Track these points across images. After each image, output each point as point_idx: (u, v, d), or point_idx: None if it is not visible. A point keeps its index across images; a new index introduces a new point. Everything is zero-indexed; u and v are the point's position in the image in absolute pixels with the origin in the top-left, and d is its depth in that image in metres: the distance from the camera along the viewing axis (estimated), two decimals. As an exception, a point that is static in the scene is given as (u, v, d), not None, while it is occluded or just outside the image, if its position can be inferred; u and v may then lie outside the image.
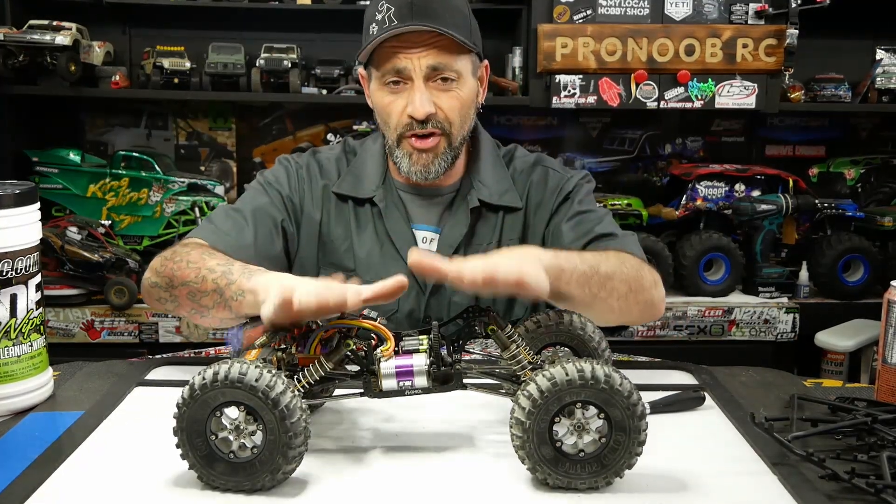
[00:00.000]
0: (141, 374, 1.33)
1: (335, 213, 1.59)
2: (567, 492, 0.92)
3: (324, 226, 1.58)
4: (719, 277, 2.76)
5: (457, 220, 1.56)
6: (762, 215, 2.77)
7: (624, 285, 1.30)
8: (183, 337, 2.59)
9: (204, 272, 1.30)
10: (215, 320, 1.30)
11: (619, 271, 1.31)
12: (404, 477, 0.97)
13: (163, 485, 0.94)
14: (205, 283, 1.28)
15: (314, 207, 1.58)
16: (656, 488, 0.94)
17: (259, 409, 0.90)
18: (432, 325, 1.03)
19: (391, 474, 0.98)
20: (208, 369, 0.90)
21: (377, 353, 1.00)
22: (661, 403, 1.19)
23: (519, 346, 1.02)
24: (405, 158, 1.49)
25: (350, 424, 1.14)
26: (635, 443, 0.91)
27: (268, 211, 1.53)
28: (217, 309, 1.26)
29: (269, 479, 0.91)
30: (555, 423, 0.92)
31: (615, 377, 0.90)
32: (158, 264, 1.39)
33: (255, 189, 1.60)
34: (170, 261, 1.37)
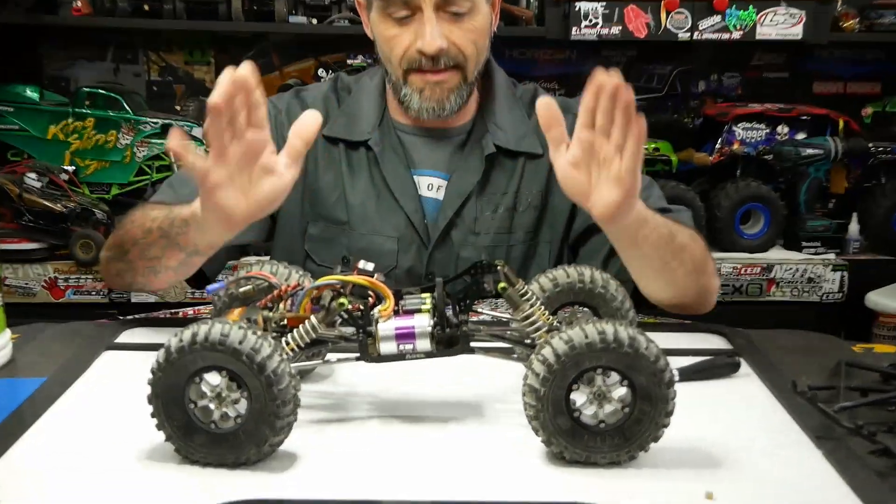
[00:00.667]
0: (110, 337, 1.33)
1: (324, 159, 1.58)
2: (585, 467, 0.93)
3: (310, 174, 1.58)
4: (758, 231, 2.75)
5: (469, 165, 1.55)
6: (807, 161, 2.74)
7: (691, 262, 1.31)
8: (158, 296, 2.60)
9: (148, 224, 1.30)
10: (169, 272, 1.31)
11: (691, 246, 1.32)
12: (404, 450, 0.98)
13: (135, 459, 0.94)
14: (150, 235, 1.29)
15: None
16: (685, 464, 0.94)
17: (243, 375, 0.90)
18: (436, 282, 1.02)
19: (389, 447, 0.98)
20: (186, 330, 0.90)
21: (375, 314, 1.00)
22: (691, 370, 1.19)
23: (533, 306, 1.02)
24: (415, 95, 1.48)
25: (344, 392, 1.14)
26: (662, 413, 0.91)
27: None
28: (167, 254, 1.26)
29: (254, 451, 0.91)
30: (572, 390, 0.92)
31: (640, 340, 0.90)
32: (110, 239, 1.41)
33: None
34: (119, 230, 1.39)
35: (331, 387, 1.17)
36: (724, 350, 1.31)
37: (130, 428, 1.00)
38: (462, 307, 1.02)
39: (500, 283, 1.01)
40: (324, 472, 0.93)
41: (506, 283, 1.01)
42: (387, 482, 0.90)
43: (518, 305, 1.01)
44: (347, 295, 0.99)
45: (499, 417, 1.06)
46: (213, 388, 0.92)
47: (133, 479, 0.91)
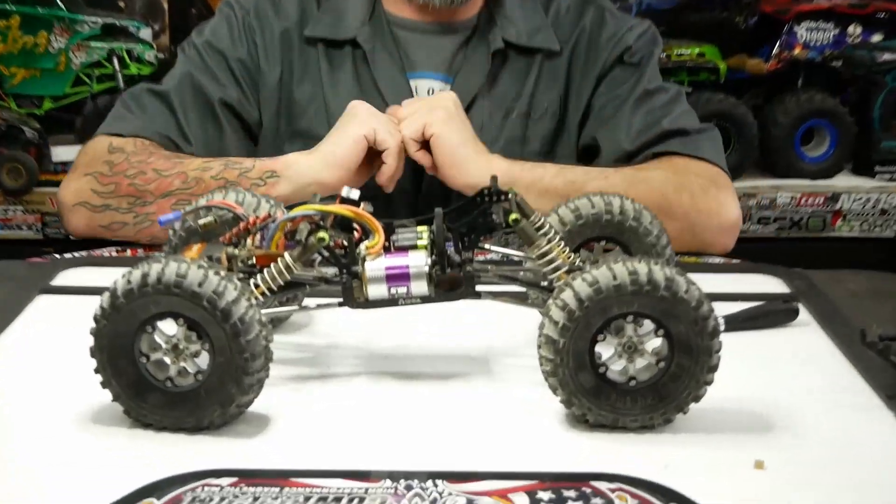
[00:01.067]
0: (46, 279, 1.34)
1: (300, 66, 1.59)
2: (613, 431, 0.93)
3: (284, 85, 1.59)
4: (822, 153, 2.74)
5: (473, 65, 1.57)
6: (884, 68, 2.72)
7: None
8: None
9: (195, 174, 1.41)
10: None
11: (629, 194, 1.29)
12: (396, 412, 0.98)
13: (76, 423, 0.95)
14: (203, 184, 1.39)
15: (270, 63, 1.59)
16: (730, 428, 0.95)
17: (204, 323, 0.90)
18: (435, 212, 1.02)
19: (379, 408, 0.99)
20: (135, 270, 0.90)
21: (361, 250, 0.99)
22: (739, 317, 1.19)
23: (551, 242, 1.01)
24: None
25: (325, 343, 1.15)
26: (704, 368, 0.91)
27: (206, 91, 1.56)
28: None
29: (218, 413, 0.92)
30: (598, 342, 0.92)
31: (679, 282, 0.90)
32: (96, 184, 1.46)
33: (188, 58, 1.60)
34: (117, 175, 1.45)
35: (309, 337, 1.17)
36: (779, 294, 1.31)
37: (70, 387, 1.00)
38: (466, 243, 1.02)
39: (512, 215, 1.00)
40: (301, 437, 0.93)
41: (518, 214, 1.00)
42: (376, 450, 0.90)
43: (533, 241, 1.01)
44: (328, 228, 0.99)
45: (509, 374, 1.06)
46: (168, 339, 0.92)
47: (74, 447, 0.91)
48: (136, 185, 1.44)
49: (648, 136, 1.54)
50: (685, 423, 0.94)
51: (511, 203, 1.03)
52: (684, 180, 1.48)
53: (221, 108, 1.58)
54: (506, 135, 1.59)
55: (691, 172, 1.50)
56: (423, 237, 1.01)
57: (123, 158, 1.48)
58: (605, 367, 0.92)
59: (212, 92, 1.57)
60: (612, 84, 1.60)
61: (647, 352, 0.92)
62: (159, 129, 1.55)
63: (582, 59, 1.60)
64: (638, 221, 1.13)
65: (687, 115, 1.58)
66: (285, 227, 1.00)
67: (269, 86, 1.59)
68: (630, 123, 1.55)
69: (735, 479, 0.85)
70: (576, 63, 1.60)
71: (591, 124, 1.61)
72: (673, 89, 1.61)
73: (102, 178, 1.47)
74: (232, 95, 1.58)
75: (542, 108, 1.60)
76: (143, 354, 0.92)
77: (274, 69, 1.58)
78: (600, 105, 1.60)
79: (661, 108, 1.57)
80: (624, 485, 0.83)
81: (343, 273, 1.00)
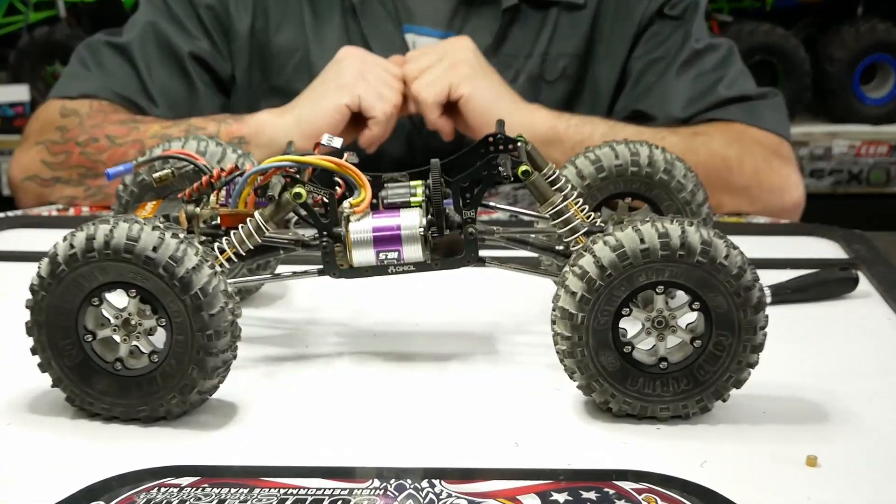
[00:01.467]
0: (-27, 242, 1.34)
1: (277, 12, 1.62)
2: (640, 422, 0.93)
3: (258, 33, 1.61)
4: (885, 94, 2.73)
5: (481, 19, 1.58)
6: (959, -6, 2.70)
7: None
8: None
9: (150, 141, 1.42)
10: None
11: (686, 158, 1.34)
12: (386, 399, 0.98)
13: (10, 412, 0.95)
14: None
15: (241, 10, 1.60)
16: (778, 417, 0.94)
17: (160, 295, 0.90)
18: (431, 164, 1.02)
19: (366, 395, 0.99)
20: (79, 232, 0.90)
21: (345, 209, 0.99)
22: (789, 288, 1.20)
23: (568, 198, 1.01)
24: None
25: (303, 318, 1.15)
26: (747, 348, 0.91)
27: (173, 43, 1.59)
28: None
29: (176, 401, 0.92)
30: (622, 316, 0.91)
31: (718, 246, 0.89)
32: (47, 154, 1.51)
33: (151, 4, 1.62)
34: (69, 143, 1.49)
35: (283, 311, 1.17)
36: (835, 260, 1.31)
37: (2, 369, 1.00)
38: (467, 199, 1.01)
39: (522, 166, 0.99)
40: (274, 430, 0.93)
41: (529, 166, 1.00)
42: (362, 444, 0.90)
43: (546, 197, 1.00)
44: (305, 183, 0.98)
45: (518, 354, 1.07)
46: (117, 314, 0.92)
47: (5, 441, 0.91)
48: (88, 153, 1.47)
49: (703, 104, 1.57)
50: (725, 413, 0.94)
51: (521, 152, 1.02)
52: (747, 149, 1.51)
53: (191, 62, 1.59)
54: None
55: (754, 141, 1.54)
56: (417, 193, 1.01)
57: (77, 123, 1.51)
58: (631, 347, 0.92)
59: (180, 44, 1.59)
60: (653, 43, 1.61)
61: (680, 328, 0.92)
62: (119, 88, 1.57)
63: (611, 11, 1.60)
64: (669, 174, 1.13)
65: (743, 76, 1.61)
66: (255, 181, 1.00)
67: (241, 35, 1.60)
68: (679, 90, 1.58)
69: (783, 479, 0.85)
70: (603, 16, 1.60)
71: (630, 93, 1.62)
72: (724, 45, 1.63)
73: (53, 146, 1.50)
74: (203, 47, 1.60)
75: (558, 70, 1.62)
76: (88, 332, 0.92)
77: (245, 16, 1.59)
78: (640, 69, 1.61)
79: (713, 71, 1.59)
80: (652, 484, 0.83)
81: (323, 235, 1.00)
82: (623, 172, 1.13)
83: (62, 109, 1.54)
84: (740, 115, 1.55)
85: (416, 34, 1.59)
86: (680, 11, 1.61)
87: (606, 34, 1.61)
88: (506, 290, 1.17)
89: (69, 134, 1.50)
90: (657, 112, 1.58)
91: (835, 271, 1.23)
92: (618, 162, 1.13)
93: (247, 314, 0.99)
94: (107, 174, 1.04)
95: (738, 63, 1.62)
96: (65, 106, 1.55)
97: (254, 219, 0.98)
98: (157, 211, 1.01)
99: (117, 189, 1.16)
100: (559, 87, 1.63)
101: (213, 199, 1.01)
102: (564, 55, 1.61)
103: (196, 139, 1.15)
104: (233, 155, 1.14)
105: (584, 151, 1.14)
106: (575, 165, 1.14)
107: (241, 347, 0.93)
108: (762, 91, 1.60)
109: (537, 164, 1.03)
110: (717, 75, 1.58)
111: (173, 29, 1.59)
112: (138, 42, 1.59)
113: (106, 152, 1.46)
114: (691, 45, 1.59)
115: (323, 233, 1.00)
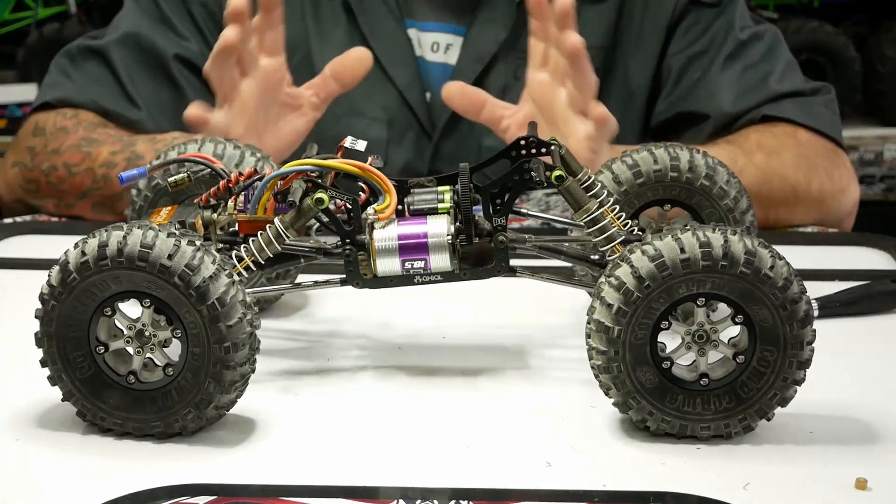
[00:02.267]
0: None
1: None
2: (679, 441, 0.93)
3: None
4: (940, 95, 2.71)
5: (494, 14, 1.58)
6: None
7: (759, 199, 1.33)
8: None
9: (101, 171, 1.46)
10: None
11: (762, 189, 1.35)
12: (410, 417, 0.98)
13: (18, 426, 0.95)
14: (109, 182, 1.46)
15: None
16: (826, 438, 0.94)
17: (175, 305, 0.90)
18: (460, 168, 1.02)
19: (389, 412, 0.99)
20: (91, 239, 0.90)
21: (369, 215, 0.99)
22: (837, 300, 1.19)
23: (604, 205, 1.01)
24: None
25: (323, 330, 1.15)
26: (794, 364, 0.91)
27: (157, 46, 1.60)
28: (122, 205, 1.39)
29: (192, 417, 0.92)
30: (661, 330, 0.91)
31: (763, 256, 0.89)
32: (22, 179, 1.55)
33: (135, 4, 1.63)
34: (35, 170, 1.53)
35: (304, 322, 1.17)
36: (886, 272, 1.30)
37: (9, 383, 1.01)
38: (498, 206, 1.02)
39: (556, 171, 0.99)
40: (293, 447, 0.93)
41: (563, 171, 1.00)
42: (385, 463, 0.90)
43: (581, 204, 1.00)
44: (328, 188, 0.99)
45: (551, 369, 1.06)
46: (131, 324, 0.92)
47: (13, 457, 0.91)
48: (52, 183, 1.50)
49: (755, 99, 1.56)
50: (769, 432, 0.93)
51: (554, 156, 1.02)
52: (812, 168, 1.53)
53: (177, 64, 1.60)
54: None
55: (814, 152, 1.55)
56: (444, 199, 1.01)
57: (42, 145, 1.53)
58: (671, 362, 0.92)
59: (164, 46, 1.59)
60: (691, 36, 1.60)
61: (721, 343, 0.92)
62: (96, 96, 1.58)
63: (640, 2, 1.60)
64: (711, 180, 1.13)
65: (791, 67, 1.60)
66: (275, 185, 1.00)
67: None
68: (727, 85, 1.57)
69: (831, 502, 0.84)
70: (630, 7, 1.60)
71: (672, 92, 1.61)
72: (768, 33, 1.62)
73: (24, 172, 1.53)
74: (191, 49, 1.60)
75: None
76: (100, 343, 0.92)
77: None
78: (680, 66, 1.60)
79: (761, 63, 1.58)
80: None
81: (346, 243, 1.00)
82: (662, 178, 1.13)
83: (34, 127, 1.56)
84: (797, 113, 1.55)
85: (419, 30, 1.59)
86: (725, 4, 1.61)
87: (636, 26, 1.61)
88: (538, 300, 1.16)
89: (36, 158, 1.53)
90: (706, 109, 1.58)
91: (886, 283, 1.22)
92: (657, 167, 1.13)
93: (266, 325, 1.00)
94: (119, 178, 1.04)
95: (785, 52, 1.62)
96: (37, 122, 1.57)
97: (273, 226, 0.98)
98: (172, 217, 1.01)
99: (130, 194, 1.16)
100: None
101: (231, 204, 1.01)
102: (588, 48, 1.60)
103: (213, 141, 1.15)
104: (251, 158, 1.14)
105: (621, 156, 1.14)
106: (611, 170, 1.14)
107: (260, 360, 0.93)
108: (815, 86, 1.60)
109: (572, 168, 1.03)
110: (766, 68, 1.58)
111: (158, 30, 1.60)
112: (117, 47, 1.60)
113: (66, 182, 1.49)
114: (735, 36, 1.59)
115: (346, 240, 1.00)
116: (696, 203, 1.14)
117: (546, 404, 1.00)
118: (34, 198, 1.53)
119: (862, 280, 1.24)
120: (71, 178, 1.48)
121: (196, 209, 1.02)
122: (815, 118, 1.56)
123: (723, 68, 1.57)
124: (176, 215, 1.01)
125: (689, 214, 1.14)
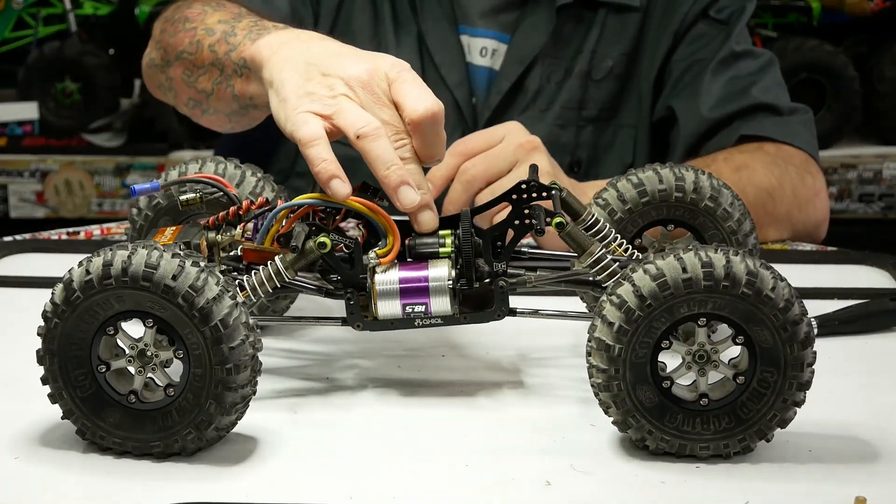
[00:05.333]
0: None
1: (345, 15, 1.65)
2: (679, 460, 0.93)
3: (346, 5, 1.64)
4: (939, 115, 2.72)
5: (535, 20, 1.61)
6: None
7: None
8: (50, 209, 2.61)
9: (200, 34, 1.38)
10: (221, 118, 1.41)
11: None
12: (411, 437, 0.98)
13: (18, 444, 0.95)
14: (200, 53, 1.37)
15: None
16: (826, 457, 0.94)
17: (178, 325, 0.90)
18: (461, 213, 1.03)
19: (390, 432, 0.99)
20: (95, 258, 0.90)
21: (370, 258, 0.99)
22: (836, 319, 1.19)
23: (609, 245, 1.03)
24: None
25: (326, 351, 1.15)
26: (794, 386, 0.91)
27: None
28: (218, 93, 1.35)
29: (192, 437, 0.92)
30: (662, 349, 0.92)
31: (764, 277, 0.89)
32: (158, 30, 1.52)
33: None
34: (168, 21, 1.48)
35: (305, 342, 1.18)
36: (885, 290, 1.30)
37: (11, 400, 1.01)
38: (499, 250, 1.02)
39: (556, 218, 0.99)
40: (294, 468, 0.93)
41: (563, 217, 0.99)
42: (387, 483, 0.90)
43: (584, 248, 0.99)
44: (330, 232, 0.99)
45: (550, 387, 1.07)
46: (133, 344, 0.92)
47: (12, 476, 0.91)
48: (169, 35, 1.47)
49: (735, 106, 1.59)
50: (769, 453, 0.94)
51: (555, 201, 1.03)
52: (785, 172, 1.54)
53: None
54: (563, 98, 1.65)
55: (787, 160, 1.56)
56: (446, 243, 1.02)
57: (185, 2, 1.51)
58: (671, 381, 0.92)
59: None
60: (695, 44, 1.63)
61: (722, 363, 0.92)
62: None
63: (659, 11, 1.63)
64: (715, 202, 1.13)
65: (779, 88, 1.63)
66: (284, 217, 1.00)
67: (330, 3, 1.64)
68: (712, 89, 1.60)
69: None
70: (652, 16, 1.64)
71: (667, 91, 1.65)
72: (765, 56, 1.65)
73: (163, 24, 1.51)
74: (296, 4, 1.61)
75: (605, 68, 1.65)
76: (102, 362, 0.92)
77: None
78: (680, 69, 1.64)
79: (749, 75, 1.61)
80: (693, 527, 0.83)
81: (346, 288, 1.01)
82: (667, 198, 1.13)
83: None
84: (773, 130, 1.58)
85: (469, 35, 1.63)
86: (726, 16, 1.63)
87: (652, 34, 1.64)
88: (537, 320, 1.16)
89: (168, 13, 1.52)
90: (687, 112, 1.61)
91: (885, 302, 1.22)
92: (661, 187, 1.13)
93: (266, 344, 1.00)
94: (132, 191, 1.03)
95: (776, 75, 1.64)
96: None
97: (275, 264, 0.98)
98: (176, 237, 1.01)
99: (131, 213, 1.16)
100: (605, 87, 1.66)
101: (238, 230, 1.01)
102: (612, 54, 1.65)
103: (214, 161, 1.15)
104: (252, 178, 1.14)
105: (626, 174, 1.15)
106: (616, 189, 1.14)
107: (261, 380, 0.93)
108: (794, 106, 1.62)
109: (574, 209, 1.03)
110: (752, 79, 1.61)
111: None
112: None
113: (175, 36, 1.44)
114: (730, 46, 1.61)
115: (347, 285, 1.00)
116: (699, 224, 1.14)
117: (545, 423, 1.00)
118: (155, 50, 1.51)
119: (861, 298, 1.24)
120: (178, 34, 1.45)
121: (200, 230, 1.02)
122: (791, 135, 1.58)
123: (713, 73, 1.61)
124: (180, 236, 1.01)
125: (692, 235, 1.15)
